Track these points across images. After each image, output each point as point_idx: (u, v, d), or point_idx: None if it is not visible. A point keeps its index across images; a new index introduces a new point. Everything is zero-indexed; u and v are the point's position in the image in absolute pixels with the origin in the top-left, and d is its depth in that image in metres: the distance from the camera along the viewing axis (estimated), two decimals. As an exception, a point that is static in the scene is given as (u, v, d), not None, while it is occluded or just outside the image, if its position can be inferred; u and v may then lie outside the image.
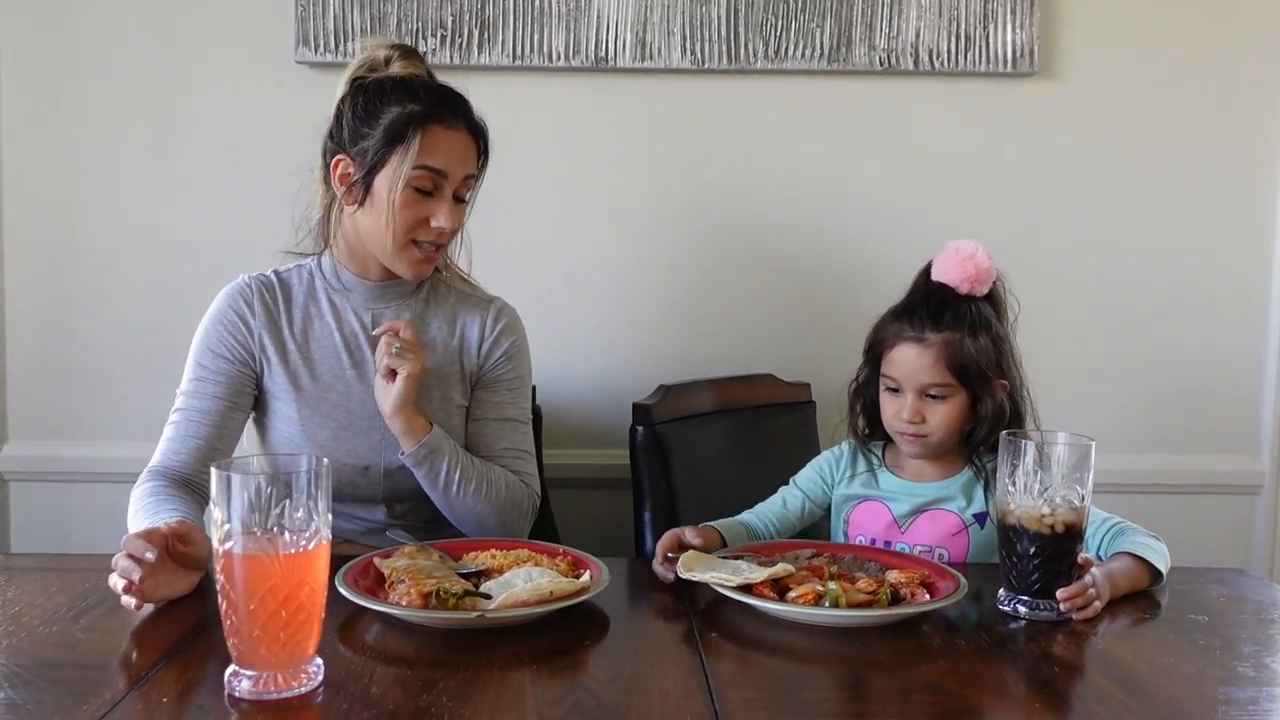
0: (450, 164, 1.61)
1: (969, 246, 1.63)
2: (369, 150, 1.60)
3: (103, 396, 2.31)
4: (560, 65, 2.23)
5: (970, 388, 1.61)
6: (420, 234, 1.62)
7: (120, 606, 1.30)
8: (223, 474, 1.04)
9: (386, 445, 1.67)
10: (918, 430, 1.61)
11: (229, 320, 1.68)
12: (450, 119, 1.61)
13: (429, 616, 1.25)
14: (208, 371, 1.66)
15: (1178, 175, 2.34)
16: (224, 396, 1.65)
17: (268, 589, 1.04)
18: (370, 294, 1.71)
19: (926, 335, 1.61)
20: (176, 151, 2.27)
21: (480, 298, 1.80)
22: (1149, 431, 2.37)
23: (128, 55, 2.25)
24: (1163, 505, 2.33)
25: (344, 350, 1.70)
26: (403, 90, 1.61)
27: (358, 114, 1.62)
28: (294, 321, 1.70)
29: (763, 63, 2.24)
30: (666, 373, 2.20)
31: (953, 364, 1.60)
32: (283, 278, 1.73)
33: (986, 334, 1.61)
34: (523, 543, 1.51)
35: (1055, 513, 1.33)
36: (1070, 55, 2.31)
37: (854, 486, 1.70)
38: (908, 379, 1.62)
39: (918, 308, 1.63)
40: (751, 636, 1.29)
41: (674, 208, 2.31)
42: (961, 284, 1.62)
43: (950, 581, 1.38)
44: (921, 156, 2.32)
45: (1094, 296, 2.35)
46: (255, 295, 1.69)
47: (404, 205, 1.59)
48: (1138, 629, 1.36)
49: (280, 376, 1.67)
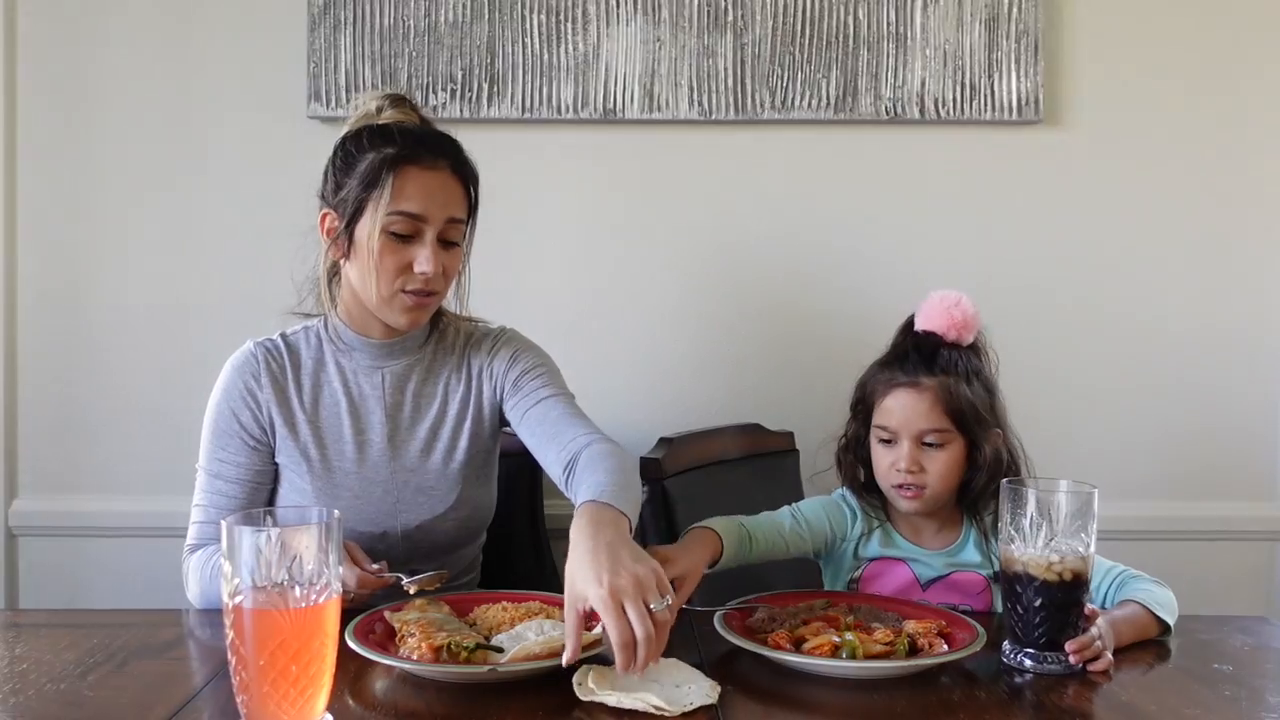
0: (428, 206, 1.56)
1: (953, 295, 1.62)
2: (348, 200, 1.57)
3: (114, 451, 2.30)
4: (569, 117, 2.24)
5: (968, 434, 1.59)
6: (407, 281, 1.58)
7: (129, 663, 1.28)
8: (232, 527, 1.02)
9: (402, 508, 1.65)
10: (916, 480, 1.58)
11: (238, 395, 1.63)
12: (427, 159, 1.57)
13: (440, 671, 1.24)
14: (225, 453, 1.63)
15: (1187, 220, 2.33)
16: (246, 474, 1.62)
17: (278, 644, 1.02)
18: (375, 353, 1.68)
19: (921, 379, 1.59)
20: (190, 205, 2.28)
21: (486, 330, 1.76)
22: (1163, 477, 2.35)
23: (143, 109, 2.27)
24: (1177, 553, 2.29)
25: (349, 415, 1.66)
26: (380, 136, 1.58)
27: (338, 165, 1.61)
28: (303, 390, 1.66)
29: (770, 113, 2.25)
30: (661, 423, 2.18)
31: (950, 408, 1.57)
32: (290, 342, 1.69)
33: (979, 380, 1.60)
34: (534, 595, 1.49)
35: (1064, 560, 1.31)
36: (1075, 102, 2.31)
37: (868, 547, 1.65)
38: (904, 426, 1.59)
39: (908, 354, 1.62)
40: (768, 688, 1.27)
41: (682, 258, 2.31)
42: (948, 331, 1.61)
43: (968, 632, 1.35)
44: (928, 205, 2.32)
45: (1104, 343, 2.34)
46: (262, 366, 1.65)
47: (383, 252, 1.56)
48: (1160, 679, 1.34)
49: (291, 449, 1.64)
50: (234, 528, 1.02)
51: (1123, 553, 1.60)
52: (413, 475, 1.66)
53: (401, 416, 1.68)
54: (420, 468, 1.67)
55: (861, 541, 1.66)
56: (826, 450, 1.72)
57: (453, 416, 1.70)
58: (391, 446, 1.66)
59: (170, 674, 1.28)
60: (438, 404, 1.70)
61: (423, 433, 1.68)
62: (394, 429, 1.67)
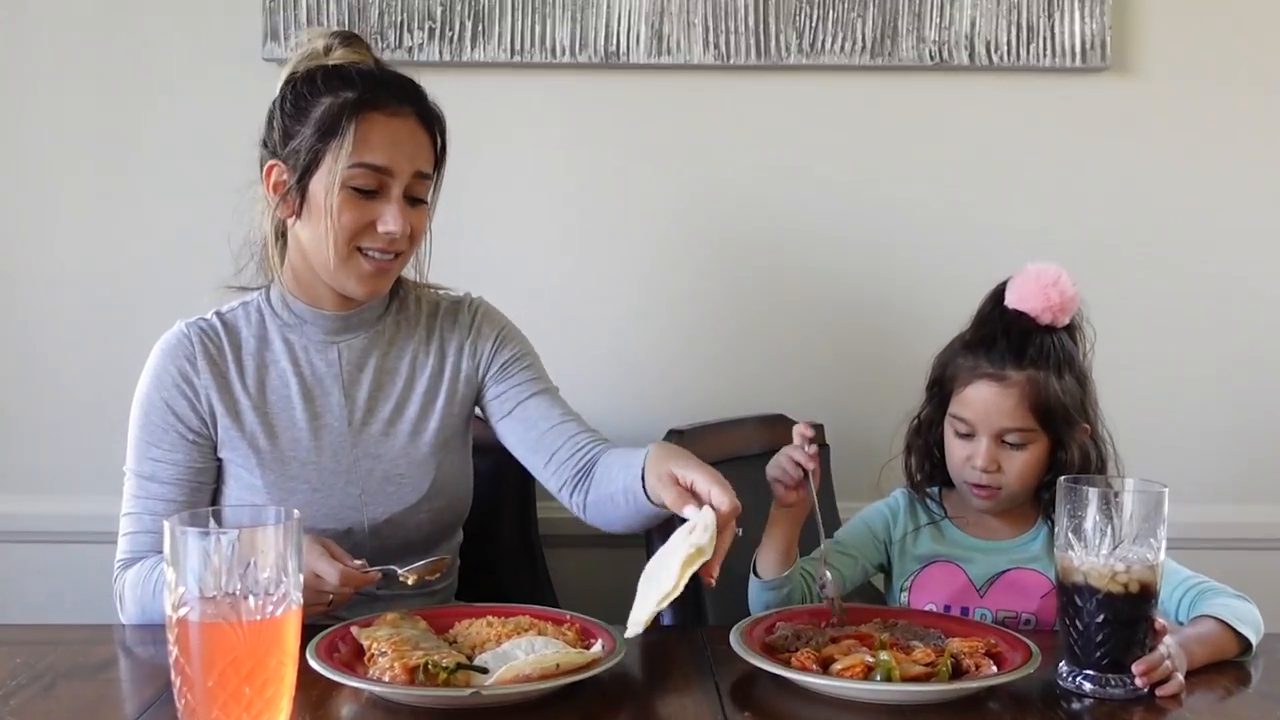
0: (394, 158, 1.56)
1: (1051, 271, 1.62)
2: (301, 150, 1.57)
3: (38, 447, 2.29)
4: (565, 61, 2.23)
5: (1053, 433, 1.60)
6: (366, 240, 1.58)
7: (57, 685, 1.29)
8: (176, 528, 1.02)
9: (368, 500, 1.66)
10: (992, 480, 1.60)
11: (171, 382, 1.62)
12: (391, 104, 1.57)
13: (416, 694, 1.24)
14: (158, 450, 1.61)
15: (1272, 180, 2.32)
16: (184, 474, 1.62)
17: (229, 662, 1.02)
18: (329, 326, 1.68)
19: (1008, 373, 1.59)
20: (128, 161, 2.28)
21: (452, 298, 1.79)
22: (1245, 476, 2.34)
23: (73, 52, 2.26)
24: (1262, 563, 2.29)
25: (301, 398, 1.66)
26: (336, 78, 1.58)
27: (287, 111, 1.60)
28: (245, 372, 1.66)
29: (796, 57, 2.24)
30: (671, 413, 2.18)
31: (1037, 406, 1.59)
32: (226, 320, 1.68)
33: (1070, 372, 1.61)
34: (523, 609, 1.49)
35: (1130, 569, 1.31)
36: (1147, 47, 2.30)
37: (919, 545, 1.68)
38: (984, 422, 1.60)
39: (996, 340, 1.62)
40: (791, 716, 1.28)
41: (694, 224, 2.31)
42: (1043, 313, 1.61)
43: (1021, 651, 1.35)
44: (977, 164, 2.31)
45: (1177, 320, 2.33)
46: (197, 348, 1.64)
47: (343, 208, 1.55)
48: (1239, 705, 1.35)
49: (237, 441, 1.63)
50: (178, 529, 1.02)
51: (1199, 564, 1.59)
52: (378, 463, 1.67)
53: (361, 396, 1.68)
54: (386, 454, 1.68)
55: (909, 539, 1.68)
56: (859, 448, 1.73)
57: (420, 395, 1.71)
58: (352, 431, 1.67)
59: (104, 697, 1.28)
60: (403, 381, 1.71)
61: (386, 413, 1.69)
62: (353, 411, 1.67)
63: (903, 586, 1.68)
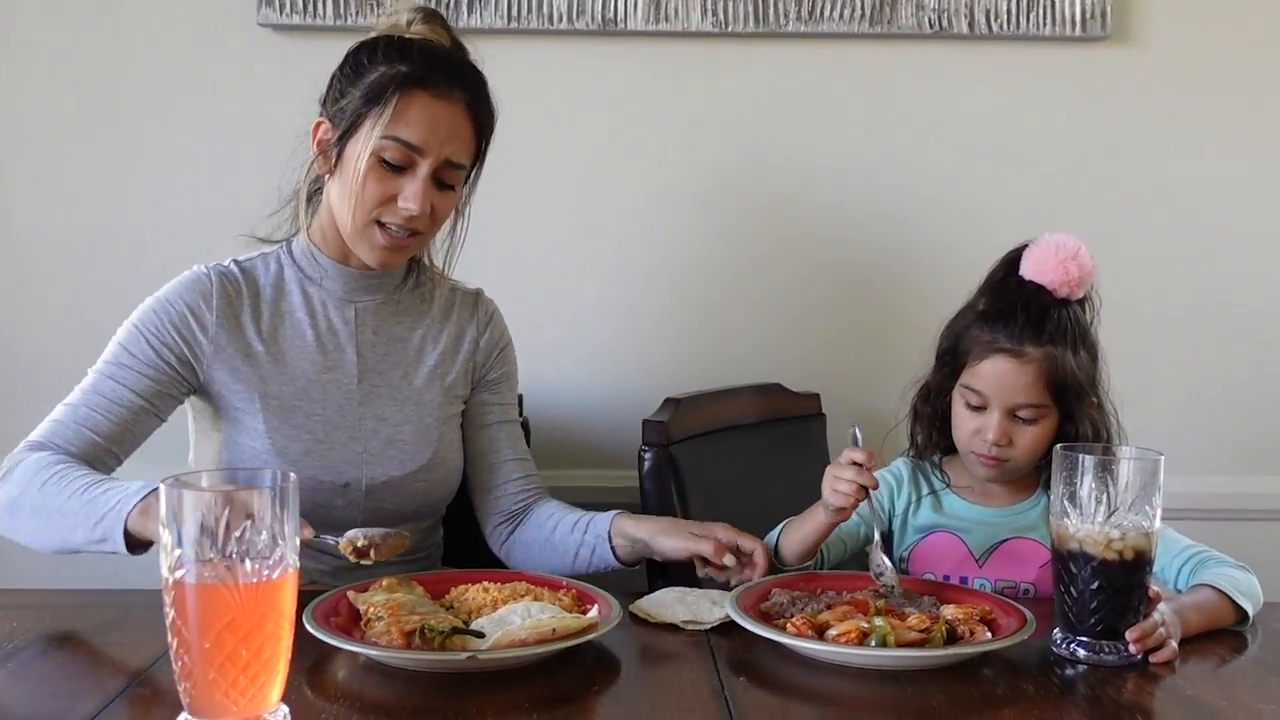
0: (427, 138, 1.58)
1: (1070, 243, 1.59)
2: (346, 111, 1.59)
3: (26, 410, 2.28)
4: (562, 28, 2.23)
5: (1064, 408, 1.59)
6: (386, 214, 1.60)
7: (54, 648, 1.29)
8: (173, 491, 1.02)
9: (369, 459, 1.67)
10: (1001, 454, 1.60)
11: (176, 312, 1.63)
12: (441, 87, 1.59)
13: (412, 658, 1.24)
14: (134, 360, 1.61)
15: (1272, 150, 2.32)
16: (142, 394, 1.60)
17: (225, 625, 1.02)
18: (349, 283, 1.70)
19: (1027, 349, 1.58)
20: (118, 127, 2.26)
21: (465, 290, 1.83)
22: (1240, 448, 2.35)
23: (67, 14, 2.24)
24: (1258, 534, 2.30)
25: (317, 351, 1.69)
26: (397, 50, 1.60)
27: (345, 73, 1.63)
28: (261, 319, 1.68)
29: (795, 25, 2.23)
30: (670, 383, 2.17)
31: (1053, 383, 1.58)
32: (245, 269, 1.71)
33: (1085, 346, 1.60)
34: (521, 574, 1.50)
35: (1125, 536, 1.31)
36: (1147, 17, 2.29)
37: (919, 516, 1.68)
38: (998, 396, 1.59)
39: (1015, 314, 1.59)
40: (786, 682, 1.28)
41: (691, 192, 2.30)
42: (1060, 287, 1.59)
43: (1015, 617, 1.36)
44: (976, 133, 2.31)
45: (1176, 290, 2.34)
46: (215, 289, 1.65)
47: (369, 177, 1.57)
48: (1232, 673, 1.35)
49: (243, 383, 1.64)
50: (174, 491, 1.02)
51: (1197, 534, 1.60)
52: (382, 424, 1.69)
53: (372, 358, 1.71)
54: (391, 417, 1.70)
55: (911, 510, 1.69)
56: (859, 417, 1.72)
57: (429, 369, 1.74)
58: (361, 389, 1.69)
59: (101, 659, 1.29)
60: (413, 352, 1.74)
61: (395, 379, 1.72)
62: (364, 369, 1.69)
63: (901, 556, 1.68)
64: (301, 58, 2.18)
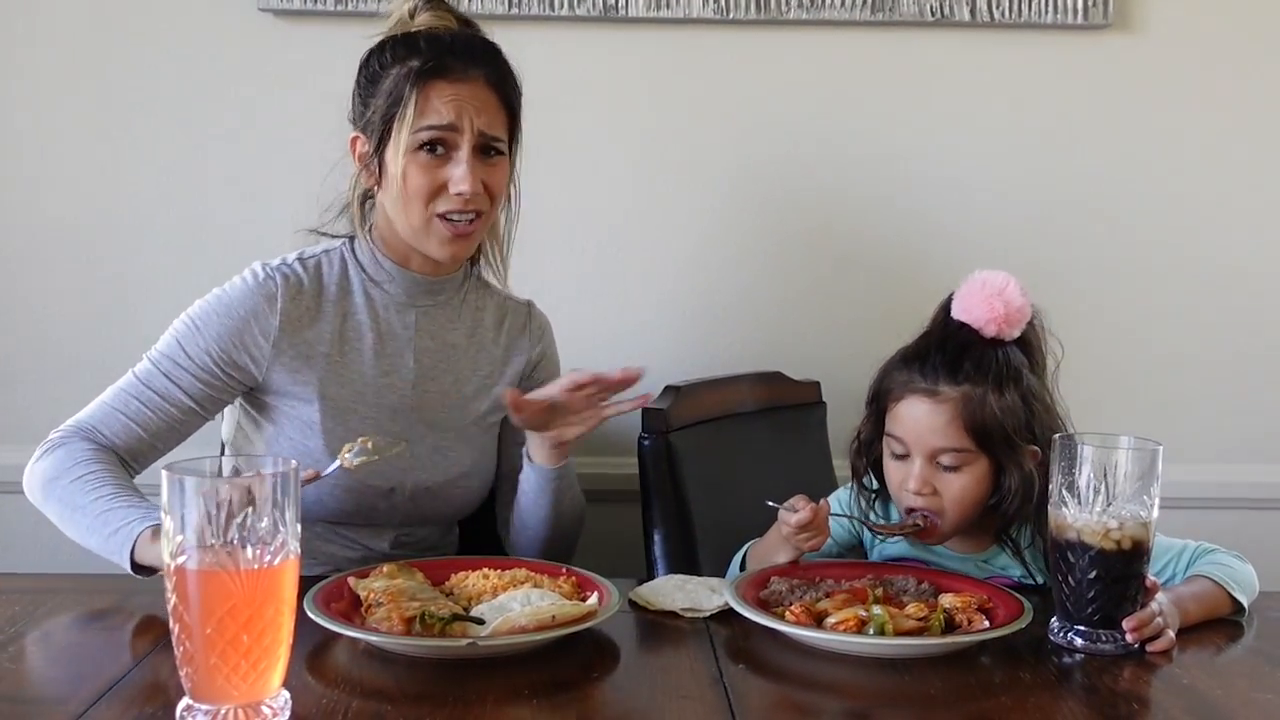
0: (459, 115, 1.57)
1: (998, 279, 1.53)
2: (374, 121, 1.60)
3: (32, 398, 2.29)
4: (562, 14, 2.22)
5: (993, 455, 1.52)
6: (442, 204, 1.59)
7: (56, 634, 1.30)
8: (174, 477, 1.03)
9: (416, 465, 1.68)
10: (929, 505, 1.52)
11: (239, 317, 1.61)
12: (456, 71, 1.58)
13: (412, 644, 1.25)
14: (189, 363, 1.60)
15: (1273, 139, 2.31)
16: (195, 396, 1.61)
17: (227, 610, 1.03)
18: (412, 288, 1.70)
19: (940, 388, 1.51)
20: (116, 116, 2.25)
21: (517, 301, 1.84)
22: (1238, 439, 2.35)
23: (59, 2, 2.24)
24: (1254, 523, 2.31)
25: (375, 354, 1.68)
26: (404, 47, 1.60)
27: (362, 84, 1.63)
28: (325, 318, 1.66)
29: (796, 12, 2.23)
30: (668, 368, 2.17)
31: (972, 425, 1.50)
32: (309, 265, 1.68)
33: (1015, 388, 1.51)
34: (520, 561, 1.50)
35: (1123, 526, 1.32)
36: (1150, 4, 2.28)
37: (895, 546, 1.64)
38: (916, 441, 1.52)
39: (931, 353, 1.54)
40: (784, 669, 1.29)
41: (692, 180, 2.30)
42: (987, 325, 1.53)
43: (1013, 607, 1.37)
44: (977, 121, 2.30)
45: (1177, 279, 2.33)
46: (281, 292, 1.63)
47: (411, 171, 1.57)
48: (1229, 662, 1.36)
49: (303, 385, 1.63)
50: (176, 477, 1.03)
51: (1186, 522, 1.60)
52: (430, 430, 1.70)
53: (428, 363, 1.71)
54: (440, 424, 1.71)
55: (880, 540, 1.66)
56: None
57: (480, 378, 1.75)
58: (415, 395, 1.69)
59: (103, 645, 1.29)
60: (466, 360, 1.74)
61: (446, 385, 1.72)
62: (420, 375, 1.70)
63: None
64: (303, 42, 2.19)
